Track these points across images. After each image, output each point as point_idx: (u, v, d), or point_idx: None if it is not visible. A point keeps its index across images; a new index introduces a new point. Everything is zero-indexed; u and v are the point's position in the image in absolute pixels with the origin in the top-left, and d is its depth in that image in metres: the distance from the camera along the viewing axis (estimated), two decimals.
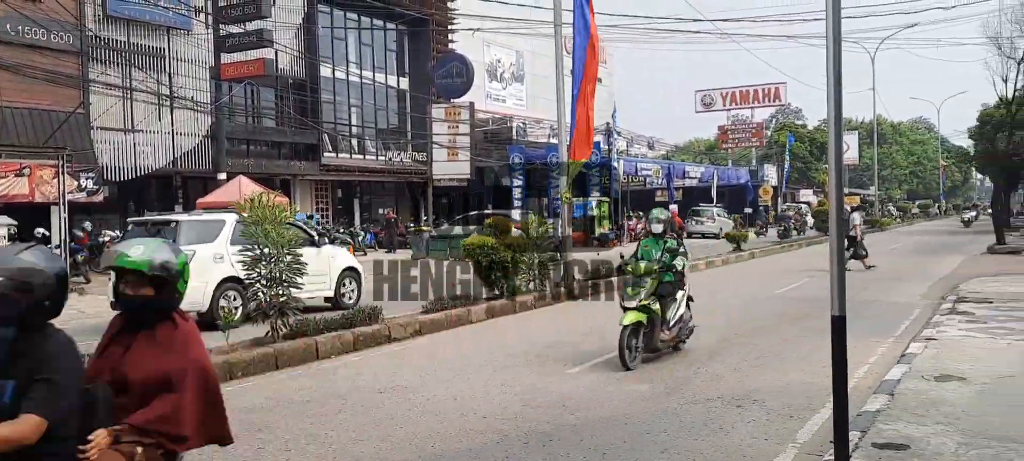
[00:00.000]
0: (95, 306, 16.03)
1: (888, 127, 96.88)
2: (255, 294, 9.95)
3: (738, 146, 65.97)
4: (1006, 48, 30.90)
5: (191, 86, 27.51)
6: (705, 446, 6.22)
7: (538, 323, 13.10)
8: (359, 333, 10.79)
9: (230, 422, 3.43)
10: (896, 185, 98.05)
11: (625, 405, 7.51)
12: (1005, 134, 33.32)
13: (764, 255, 28.87)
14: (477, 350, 10.60)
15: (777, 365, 9.27)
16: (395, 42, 39.33)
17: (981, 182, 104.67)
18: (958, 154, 78.63)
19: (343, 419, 7.16)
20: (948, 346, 9.80)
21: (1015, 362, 8.82)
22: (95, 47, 25.39)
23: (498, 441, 6.45)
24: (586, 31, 16.05)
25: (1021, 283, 16.95)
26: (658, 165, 47.47)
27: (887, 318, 12.98)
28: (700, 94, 67.17)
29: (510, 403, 7.64)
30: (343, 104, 36.20)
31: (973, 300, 14.26)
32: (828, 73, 5.07)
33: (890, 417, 6.61)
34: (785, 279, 19.40)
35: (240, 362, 9.10)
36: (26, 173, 20.24)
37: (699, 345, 10.52)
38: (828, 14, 5.06)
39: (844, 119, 37.48)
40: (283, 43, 30.29)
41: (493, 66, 48.16)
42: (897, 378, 8.02)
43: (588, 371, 9.06)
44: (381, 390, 8.26)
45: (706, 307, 14.46)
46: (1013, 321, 11.67)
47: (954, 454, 5.65)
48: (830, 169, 5.39)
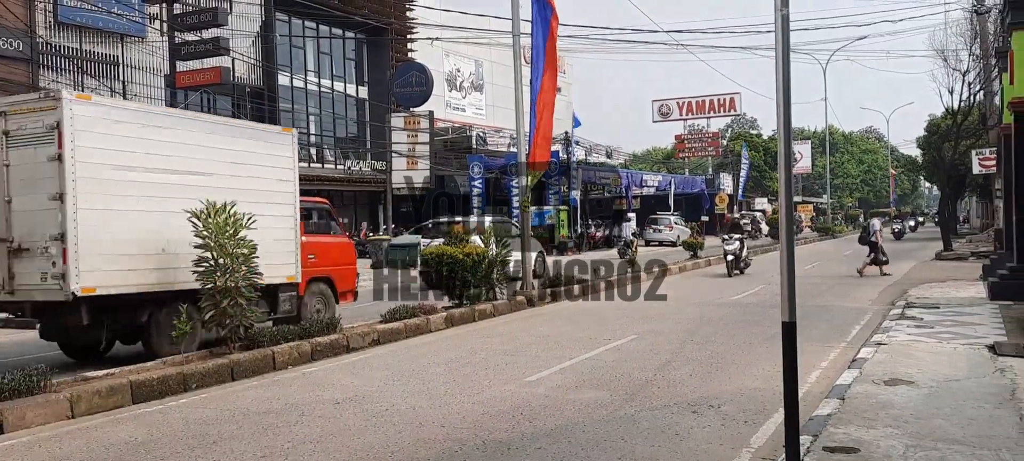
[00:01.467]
0: None
1: (840, 136, 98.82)
2: (211, 305, 9.82)
3: (695, 155, 66.75)
4: (952, 61, 31.78)
5: (146, 94, 27.11)
6: (661, 452, 6.30)
7: (497, 332, 13.13)
8: (317, 343, 10.71)
9: (184, 435, 3.41)
10: (848, 193, 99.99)
11: (583, 412, 7.57)
12: (951, 144, 34.22)
13: (720, 262, 29.18)
14: (436, 359, 10.59)
15: (733, 371, 9.42)
16: (354, 51, 39.19)
17: (929, 190, 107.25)
18: (907, 163, 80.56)
19: (300, 430, 7.11)
20: (897, 350, 10.04)
21: (961, 365, 9.07)
22: (46, 54, 24.90)
23: (456, 450, 6.46)
24: (544, 40, 16.16)
25: (967, 288, 17.42)
26: (616, 173, 47.80)
27: (840, 323, 13.26)
28: (657, 104, 67.80)
29: (469, 412, 7.66)
30: (301, 113, 35.93)
31: (921, 305, 14.63)
32: (777, 88, 5.20)
33: (841, 421, 6.76)
34: (742, 286, 19.68)
35: (195, 373, 8.97)
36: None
37: (656, 352, 10.64)
38: (777, 34, 5.18)
39: (797, 128, 38.44)
40: (240, 51, 30.00)
41: (453, 75, 48.18)
42: (848, 383, 8.20)
43: (547, 379, 9.11)
44: (338, 401, 8.21)
45: (663, 314, 14.64)
46: (959, 326, 12.00)
47: (903, 456, 5.80)
48: (780, 178, 5.51)
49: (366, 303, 16.75)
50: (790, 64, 5.27)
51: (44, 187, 9.15)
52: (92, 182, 9.26)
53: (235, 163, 10.96)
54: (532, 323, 14.07)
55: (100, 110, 9.71)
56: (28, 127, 9.33)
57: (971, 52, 30.95)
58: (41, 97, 9.73)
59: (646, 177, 51.99)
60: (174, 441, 6.80)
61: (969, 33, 31.56)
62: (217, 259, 9.64)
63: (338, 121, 38.44)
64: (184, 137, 10.47)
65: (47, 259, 9.15)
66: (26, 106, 9.50)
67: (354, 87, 38.92)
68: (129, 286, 9.75)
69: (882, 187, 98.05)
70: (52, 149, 9.07)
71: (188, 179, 10.22)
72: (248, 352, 9.85)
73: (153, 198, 9.91)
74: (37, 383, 7.80)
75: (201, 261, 9.72)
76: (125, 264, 9.63)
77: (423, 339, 12.41)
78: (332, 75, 37.47)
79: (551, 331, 12.95)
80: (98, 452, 6.61)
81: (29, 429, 7.28)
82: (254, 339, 10.09)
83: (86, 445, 6.80)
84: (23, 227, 9.32)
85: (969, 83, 30.71)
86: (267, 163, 11.60)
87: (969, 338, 10.85)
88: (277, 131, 12.82)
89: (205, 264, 9.69)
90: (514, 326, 13.78)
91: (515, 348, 11.33)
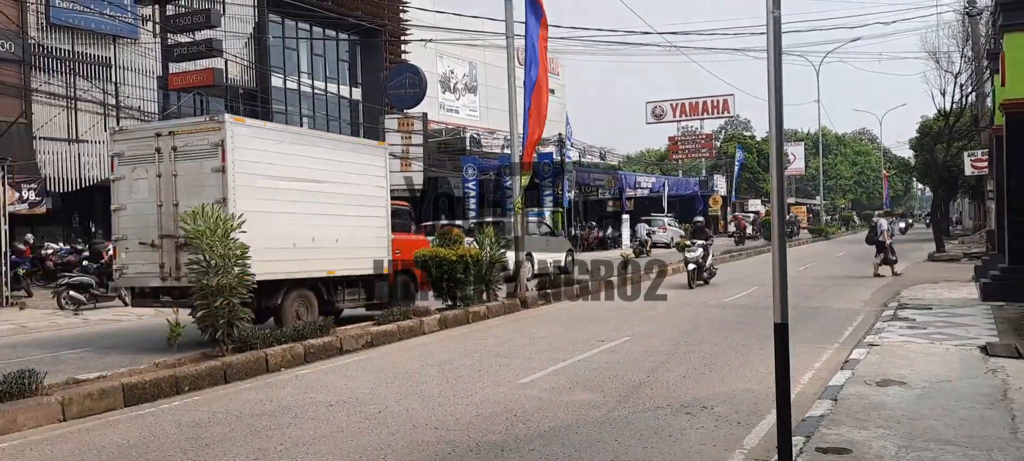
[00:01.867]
0: (36, 320, 15.64)
1: (833, 138, 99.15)
2: (203, 305, 9.81)
3: (688, 157, 66.86)
4: (944, 62, 31.91)
5: (138, 96, 27.03)
6: (655, 454, 6.30)
7: (491, 333, 13.12)
8: (310, 345, 10.70)
9: (176, 438, 3.40)
10: (841, 195, 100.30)
11: (576, 414, 7.57)
12: (944, 145, 34.32)
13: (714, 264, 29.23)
14: (429, 361, 10.58)
15: (726, 372, 9.43)
16: (347, 52, 39.13)
17: (922, 192, 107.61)
18: (900, 165, 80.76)
19: (293, 433, 7.09)
20: (890, 351, 10.07)
21: (953, 366, 9.10)
22: (38, 55, 24.81)
23: (449, 452, 6.46)
24: (537, 40, 16.17)
25: (959, 289, 17.49)
26: (610, 175, 47.86)
27: (832, 324, 13.30)
28: (651, 106, 67.94)
29: (462, 414, 7.65)
30: (295, 114, 35.86)
31: (914, 306, 14.68)
32: (769, 90, 5.20)
33: (834, 422, 6.77)
34: (734, 288, 19.71)
35: (187, 376, 8.95)
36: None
37: (650, 353, 10.65)
38: (769, 36, 5.20)
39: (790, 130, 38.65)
40: (233, 53, 29.95)
41: (446, 77, 48.16)
42: (841, 384, 8.22)
43: (540, 381, 9.11)
44: (332, 403, 8.20)
45: (657, 315, 14.66)
46: (951, 327, 12.04)
47: (895, 457, 5.81)
48: (772, 180, 5.52)
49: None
50: (782, 66, 5.28)
51: (209, 193, 10.97)
52: (247, 189, 11.27)
53: (346, 172, 13.11)
54: (526, 325, 14.07)
55: (251, 130, 11.84)
56: (194, 144, 11.36)
57: (963, 54, 31.10)
58: (207, 120, 11.71)
59: (640, 178, 52.05)
60: (166, 444, 6.78)
61: (961, 35, 31.72)
62: (208, 260, 9.62)
63: (331, 123, 38.32)
64: (309, 151, 12.59)
65: None
66: (193, 127, 11.62)
67: (347, 89, 38.86)
68: (272, 273, 11.77)
69: (875, 189, 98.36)
70: (216, 162, 11.11)
71: (312, 186, 12.34)
72: (241, 354, 9.83)
73: (288, 201, 11.94)
74: (29, 386, 7.77)
75: (191, 262, 9.73)
76: (269, 256, 11.44)
77: (416, 341, 12.40)
78: (325, 77, 37.41)
79: (545, 333, 12.95)
80: (89, 455, 6.58)
81: (20, 432, 7.24)
82: (247, 341, 10.07)
83: (77, 448, 6.78)
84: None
85: (961, 85, 30.85)
86: (368, 172, 13.73)
87: (961, 339, 10.89)
88: (375, 145, 15.21)
89: (196, 266, 9.69)
90: (508, 328, 13.78)
91: (509, 350, 11.32)
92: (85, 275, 17.95)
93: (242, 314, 9.97)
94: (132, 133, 12.59)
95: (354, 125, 39.27)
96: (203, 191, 11.07)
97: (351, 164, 13.39)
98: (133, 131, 13.01)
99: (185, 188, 11.40)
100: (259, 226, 10.93)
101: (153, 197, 11.72)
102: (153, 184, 11.74)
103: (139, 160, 11.90)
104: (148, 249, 11.74)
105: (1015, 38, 14.78)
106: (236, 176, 11.12)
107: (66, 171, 25.07)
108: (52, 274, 20.47)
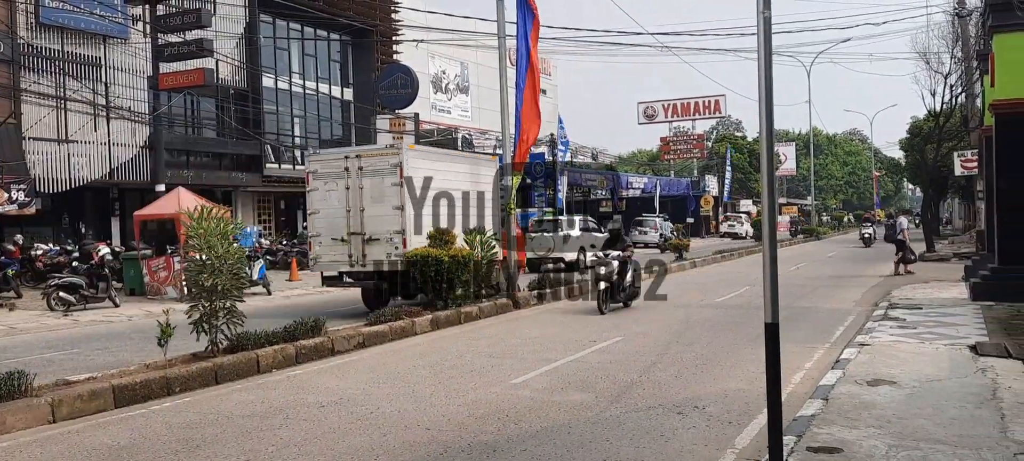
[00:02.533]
0: (25, 321, 15.55)
1: (824, 138, 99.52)
2: (197, 306, 9.78)
3: (680, 157, 67.03)
4: (934, 63, 32.06)
5: (128, 96, 26.90)
6: (646, 453, 6.31)
7: (483, 334, 13.12)
8: (301, 346, 10.67)
9: (167, 439, 3.38)
10: (832, 195, 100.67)
11: (568, 414, 7.57)
12: (934, 146, 34.48)
13: (705, 264, 29.34)
14: (421, 362, 10.57)
15: (718, 372, 9.45)
16: (339, 53, 39.06)
17: (912, 192, 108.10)
18: (890, 165, 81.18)
19: (284, 434, 7.08)
20: (880, 351, 10.11)
21: (943, 365, 9.14)
22: (27, 55, 24.67)
23: (441, 453, 6.45)
24: (528, 42, 16.16)
25: (949, 289, 17.57)
26: (603, 175, 47.91)
27: (823, 324, 13.34)
28: (642, 106, 68.04)
29: (454, 414, 7.64)
30: (286, 115, 35.78)
31: (904, 306, 14.74)
32: (760, 90, 5.22)
33: (825, 421, 6.79)
34: (726, 288, 19.76)
35: (178, 377, 8.92)
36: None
37: (642, 353, 10.66)
38: (759, 36, 5.21)
39: (781, 130, 38.79)
40: (224, 53, 29.84)
41: (438, 77, 48.14)
42: (832, 383, 8.24)
43: (532, 381, 9.11)
44: (323, 404, 8.18)
45: (649, 315, 14.67)
46: (941, 326, 12.09)
47: (885, 456, 5.83)
48: (763, 180, 5.53)
49: (354, 305, 16.71)
50: (772, 66, 5.29)
51: (389, 202, 14.98)
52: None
53: (474, 182, 17.11)
54: (518, 325, 14.07)
55: (419, 153, 16.15)
56: (377, 164, 15.20)
57: (953, 55, 31.24)
58: (388, 147, 16.51)
59: (632, 179, 52.13)
60: (157, 445, 6.75)
61: (951, 36, 31.87)
62: (204, 260, 9.60)
63: (323, 123, 38.28)
64: (451, 167, 16.81)
65: (392, 245, 15.00)
66: (377, 152, 15.67)
67: (339, 89, 38.79)
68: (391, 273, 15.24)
69: (866, 189, 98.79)
70: (395, 178, 14.93)
71: (453, 192, 16.19)
72: (232, 355, 9.79)
73: (438, 205, 15.69)
74: (18, 387, 7.73)
75: (188, 263, 9.73)
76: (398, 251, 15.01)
77: (408, 342, 12.38)
78: (317, 77, 37.33)
79: (537, 333, 12.95)
80: (80, 457, 6.55)
81: (10, 434, 7.20)
82: (238, 342, 10.03)
83: (67, 450, 6.74)
84: (372, 226, 15.19)
85: (951, 85, 30.98)
86: (485, 181, 17.44)
87: (951, 338, 10.94)
88: (489, 159, 19.35)
89: (192, 265, 9.67)
90: (500, 328, 13.78)
91: (501, 350, 11.32)
92: (75, 276, 17.85)
93: (235, 315, 9.92)
94: (325, 155, 16.42)
95: (346, 126, 39.21)
96: (384, 199, 15.03)
97: (478, 175, 17.35)
98: (326, 153, 16.86)
99: (369, 197, 15.18)
100: (420, 226, 15.12)
101: (343, 204, 15.37)
102: (342, 194, 15.39)
103: (331, 176, 15.54)
104: (339, 243, 15.47)
105: (1005, 39, 14.86)
106: (409, 189, 15.00)
107: (56, 172, 24.94)
108: (41, 275, 20.35)
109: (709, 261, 30.36)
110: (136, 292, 20.02)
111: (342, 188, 15.36)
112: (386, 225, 15.01)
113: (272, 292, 20.14)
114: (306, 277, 23.91)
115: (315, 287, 21.97)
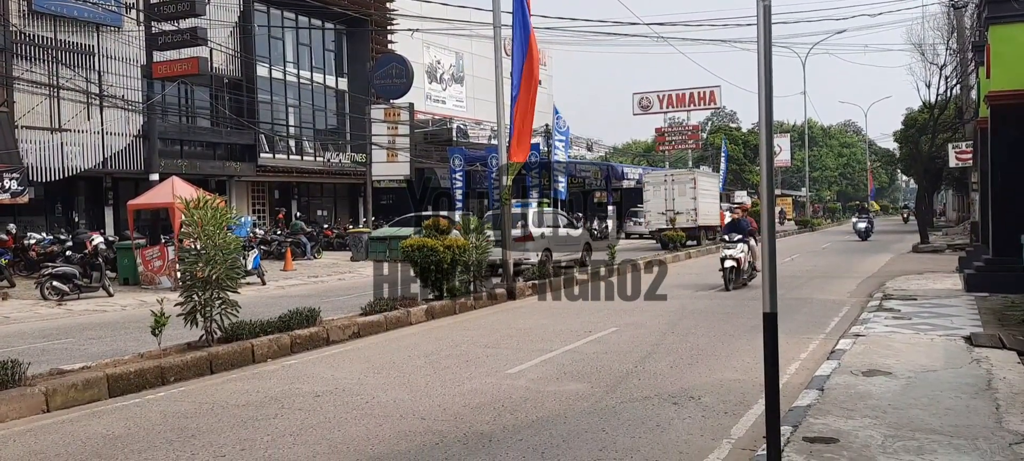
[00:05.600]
0: (19, 311, 15.50)
1: (819, 130, 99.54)
2: (191, 296, 9.75)
3: (675, 148, 66.96)
4: (929, 54, 32.10)
5: (122, 85, 26.77)
6: (642, 443, 6.31)
7: (478, 324, 13.11)
8: (296, 336, 10.65)
9: (162, 428, 3.35)
10: (826, 186, 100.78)
11: (564, 404, 7.57)
12: (928, 137, 34.56)
13: (699, 255, 29.35)
14: (416, 352, 10.56)
15: (713, 363, 9.45)
16: (333, 42, 38.92)
17: (907, 184, 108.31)
18: (885, 157, 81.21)
19: (279, 424, 7.06)
20: (875, 342, 10.12)
21: (937, 356, 9.16)
22: (20, 43, 24.52)
23: (437, 442, 6.44)
24: (525, 32, 16.10)
25: (943, 280, 17.61)
26: (597, 167, 47.86)
27: (818, 315, 13.35)
28: (637, 97, 67.87)
29: (449, 404, 7.63)
30: (280, 104, 35.66)
31: (899, 297, 14.77)
32: (759, 79, 5.19)
33: (820, 411, 6.80)
34: (721, 278, 19.70)
35: (173, 367, 8.89)
36: None
37: (637, 344, 10.67)
38: (759, 25, 5.18)
39: (776, 122, 39.11)
40: (218, 42, 29.70)
41: (433, 67, 47.99)
42: (827, 374, 8.25)
43: (528, 371, 9.10)
44: (318, 393, 8.16)
45: (644, 306, 14.68)
46: (936, 317, 12.12)
47: (881, 446, 5.84)
48: (762, 171, 5.51)
49: (347, 296, 16.70)
50: (772, 56, 5.27)
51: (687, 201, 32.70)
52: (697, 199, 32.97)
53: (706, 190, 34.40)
54: (514, 316, 14.06)
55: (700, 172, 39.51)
56: (682, 179, 33.66)
57: (948, 46, 31.28)
58: (687, 171, 37.41)
59: (627, 170, 52.08)
60: (152, 434, 6.73)
61: (946, 27, 31.88)
62: (200, 249, 9.56)
63: (317, 113, 38.19)
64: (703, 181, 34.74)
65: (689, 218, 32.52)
66: (682, 174, 34.98)
67: (333, 79, 38.68)
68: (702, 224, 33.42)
69: (860, 180, 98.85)
70: (691, 188, 32.90)
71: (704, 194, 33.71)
72: (227, 345, 9.77)
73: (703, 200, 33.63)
74: (12, 376, 7.70)
75: (183, 252, 9.70)
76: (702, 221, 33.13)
77: (404, 332, 12.37)
78: (311, 66, 37.21)
79: (533, 324, 12.95)
80: (74, 446, 6.52)
81: (4, 423, 7.18)
82: (233, 332, 10.00)
83: (62, 439, 6.72)
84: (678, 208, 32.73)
85: (946, 77, 31.03)
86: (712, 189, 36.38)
87: (946, 329, 10.96)
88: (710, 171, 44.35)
89: (186, 254, 9.63)
90: (495, 319, 13.77)
91: (496, 341, 11.31)
92: (68, 265, 17.79)
93: (230, 305, 9.88)
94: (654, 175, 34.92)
95: (340, 115, 39.09)
96: (684, 199, 32.45)
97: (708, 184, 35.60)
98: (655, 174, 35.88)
99: (676, 197, 32.58)
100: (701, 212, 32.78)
101: (662, 201, 32.80)
102: (661, 195, 32.95)
103: (656, 184, 33.46)
104: (661, 218, 32.48)
105: (1000, 30, 14.86)
106: (697, 194, 32.68)
107: (49, 161, 24.84)
108: (35, 264, 20.28)
109: (705, 251, 30.36)
110: (130, 281, 19.96)
111: (662, 192, 33.01)
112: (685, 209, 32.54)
113: (267, 282, 20.10)
114: (301, 267, 23.89)
115: (310, 277, 21.95)
